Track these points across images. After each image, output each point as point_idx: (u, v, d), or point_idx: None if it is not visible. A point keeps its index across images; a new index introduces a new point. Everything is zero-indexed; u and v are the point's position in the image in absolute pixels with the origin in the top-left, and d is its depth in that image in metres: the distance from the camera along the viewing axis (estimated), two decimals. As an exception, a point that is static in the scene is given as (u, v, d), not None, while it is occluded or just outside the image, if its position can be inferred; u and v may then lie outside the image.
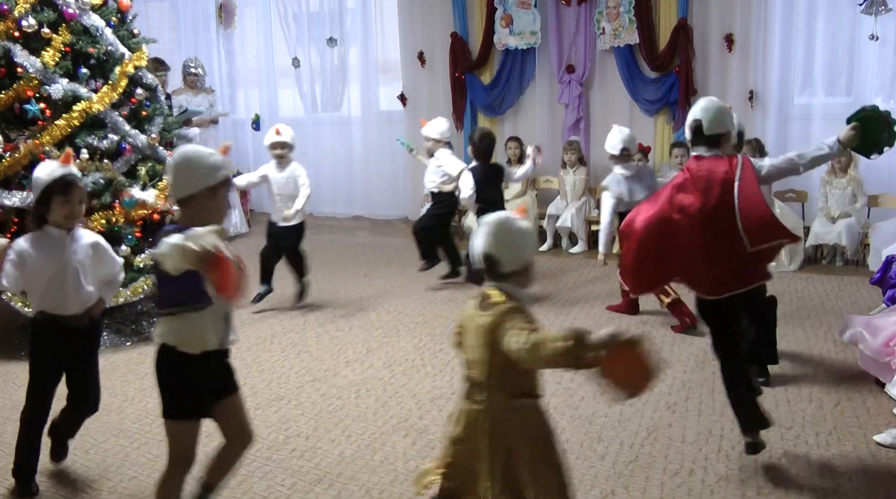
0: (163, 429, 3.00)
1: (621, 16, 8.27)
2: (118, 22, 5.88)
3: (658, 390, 4.55)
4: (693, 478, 3.59)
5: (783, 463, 3.69)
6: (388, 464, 3.79)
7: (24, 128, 5.47)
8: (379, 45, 10.27)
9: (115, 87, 5.66)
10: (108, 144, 5.60)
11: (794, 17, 7.83)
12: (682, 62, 8.09)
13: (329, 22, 10.31)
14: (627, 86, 8.47)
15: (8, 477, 3.78)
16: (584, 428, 4.11)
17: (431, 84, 9.61)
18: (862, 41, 7.47)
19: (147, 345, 5.65)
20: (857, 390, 4.49)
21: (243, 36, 11.09)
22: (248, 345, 5.60)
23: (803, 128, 7.99)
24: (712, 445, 3.89)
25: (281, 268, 6.54)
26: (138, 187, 5.68)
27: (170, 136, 6.24)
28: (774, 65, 7.90)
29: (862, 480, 3.52)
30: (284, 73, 10.86)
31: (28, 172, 5.41)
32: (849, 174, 7.31)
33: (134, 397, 4.73)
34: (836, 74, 7.92)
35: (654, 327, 5.70)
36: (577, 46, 8.66)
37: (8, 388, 4.95)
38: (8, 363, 5.37)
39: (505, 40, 8.92)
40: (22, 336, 5.73)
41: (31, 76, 5.36)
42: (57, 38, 5.46)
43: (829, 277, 6.92)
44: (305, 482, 3.66)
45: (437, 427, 4.15)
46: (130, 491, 3.63)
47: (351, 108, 10.55)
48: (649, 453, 3.82)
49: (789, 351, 5.14)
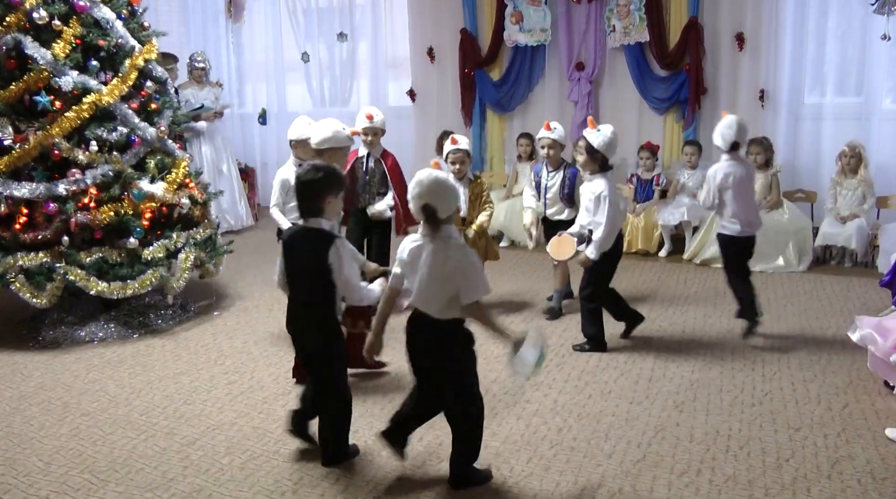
0: (169, 422, 3.01)
1: (632, 13, 8.25)
2: (128, 15, 5.89)
3: (666, 389, 4.54)
4: (701, 478, 3.58)
5: (791, 464, 3.68)
6: (395, 459, 3.79)
7: (33, 119, 5.48)
8: (388, 41, 10.25)
9: (124, 79, 5.67)
10: (117, 136, 5.61)
11: (806, 16, 7.79)
12: (693, 60, 8.07)
13: (338, 17, 10.31)
14: (637, 84, 8.44)
15: (14, 466, 3.79)
16: (591, 426, 4.10)
17: (441, 80, 9.59)
18: (873, 41, 7.43)
19: (154, 337, 5.67)
20: (865, 391, 4.47)
21: (252, 30, 11.08)
22: (256, 339, 5.61)
23: (813, 127, 7.98)
24: (720, 444, 3.88)
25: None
26: (147, 180, 5.69)
27: (179, 129, 6.25)
28: (785, 64, 7.87)
29: (871, 482, 3.51)
30: (293, 68, 10.85)
31: (37, 163, 5.43)
32: (859, 175, 7.28)
33: (142, 390, 4.73)
34: (846, 74, 7.88)
35: (662, 326, 5.69)
36: (588, 44, 8.64)
37: (16, 378, 4.96)
38: (16, 354, 5.38)
39: (515, 37, 8.90)
40: (30, 327, 5.76)
41: (41, 68, 5.37)
42: (67, 30, 5.47)
43: (837, 278, 6.90)
44: (312, 477, 3.66)
45: (443, 422, 4.12)
46: (138, 483, 3.63)
47: (360, 103, 10.52)
48: (657, 453, 3.81)
49: (798, 352, 5.13)
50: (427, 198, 3.29)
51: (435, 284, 3.30)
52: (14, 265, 5.35)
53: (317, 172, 3.58)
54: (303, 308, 3.69)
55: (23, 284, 5.36)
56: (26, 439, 4.12)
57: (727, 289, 5.46)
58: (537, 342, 3.35)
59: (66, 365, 5.16)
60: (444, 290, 3.29)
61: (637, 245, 7.91)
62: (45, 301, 5.40)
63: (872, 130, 7.64)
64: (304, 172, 3.60)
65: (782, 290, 6.59)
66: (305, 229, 3.64)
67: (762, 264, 7.19)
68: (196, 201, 6.04)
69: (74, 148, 5.44)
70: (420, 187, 3.31)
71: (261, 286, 7.00)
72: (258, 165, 11.02)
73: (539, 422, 4.11)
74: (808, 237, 7.36)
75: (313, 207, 3.59)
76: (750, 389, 4.54)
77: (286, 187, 5.25)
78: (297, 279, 3.71)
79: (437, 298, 3.32)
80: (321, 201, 3.58)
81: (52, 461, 3.86)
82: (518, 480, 3.58)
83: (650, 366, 4.91)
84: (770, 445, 3.86)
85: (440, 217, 3.32)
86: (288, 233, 3.83)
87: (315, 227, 3.61)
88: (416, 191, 3.33)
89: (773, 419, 4.14)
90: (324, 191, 3.57)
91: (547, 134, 5.86)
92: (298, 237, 3.68)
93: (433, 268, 3.30)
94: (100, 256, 5.48)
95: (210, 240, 6.20)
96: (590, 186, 5.11)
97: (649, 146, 8.17)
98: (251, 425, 4.20)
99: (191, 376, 4.94)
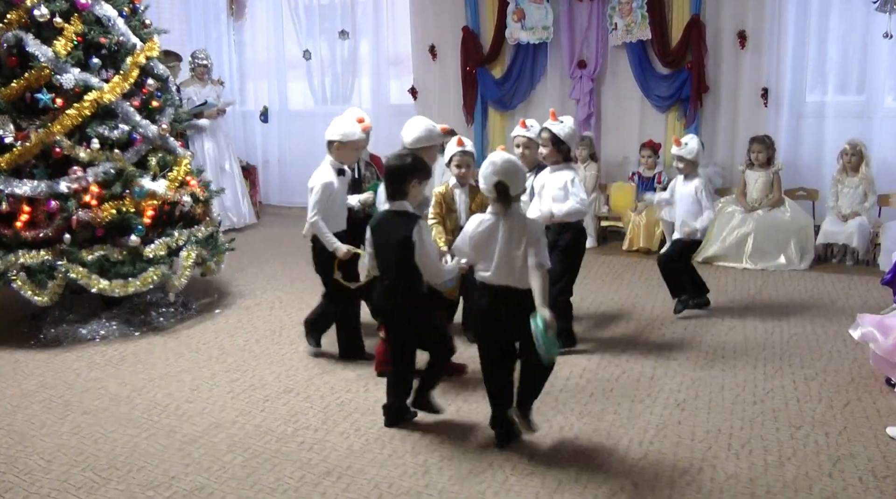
0: (170, 420, 3.01)
1: (634, 11, 8.23)
2: (130, 12, 5.88)
3: (668, 388, 4.54)
4: (702, 476, 3.57)
5: (793, 462, 3.67)
6: (397, 457, 3.79)
7: (35, 117, 5.48)
8: (390, 38, 10.23)
9: (126, 77, 5.66)
10: (118, 134, 5.60)
11: (808, 14, 7.78)
12: (695, 58, 8.06)
13: (340, 14, 10.30)
14: (639, 82, 8.43)
15: (16, 465, 3.80)
16: (593, 425, 4.10)
17: (442, 78, 9.58)
18: (875, 39, 7.42)
19: (156, 335, 5.67)
20: (867, 389, 4.47)
21: (253, 28, 11.07)
22: (258, 337, 5.61)
23: (815, 125, 7.97)
24: (722, 443, 3.88)
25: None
26: (149, 178, 5.68)
27: (180, 127, 6.25)
28: (787, 62, 7.86)
29: (872, 480, 3.50)
30: (294, 66, 10.85)
31: (39, 161, 5.43)
32: (860, 173, 7.27)
33: (143, 388, 4.74)
34: (848, 72, 7.87)
35: (665, 324, 5.69)
36: (589, 42, 8.63)
37: (18, 376, 4.96)
38: (17, 352, 5.38)
39: (517, 35, 8.89)
40: (31, 325, 5.76)
41: (42, 65, 5.36)
42: (69, 27, 5.46)
43: (839, 276, 6.89)
44: (314, 475, 3.66)
45: (446, 421, 4.14)
46: (139, 481, 3.63)
47: (361, 101, 10.52)
48: (658, 451, 3.81)
49: (799, 350, 5.13)
50: (500, 176, 3.66)
51: (514, 256, 3.66)
52: (15, 263, 5.35)
53: (405, 159, 3.98)
54: (393, 284, 3.97)
55: (24, 281, 5.36)
56: (27, 437, 4.12)
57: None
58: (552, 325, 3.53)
59: (68, 363, 5.16)
60: (522, 260, 3.65)
61: (638, 243, 7.90)
62: (46, 299, 5.40)
63: (874, 127, 7.63)
64: (394, 159, 3.98)
65: (784, 288, 6.59)
66: (391, 212, 3.98)
67: (764, 262, 7.20)
68: (197, 199, 6.03)
69: (76, 146, 5.44)
70: (493, 166, 3.69)
71: (262, 284, 7.00)
72: (259, 162, 11.02)
73: (541, 420, 4.10)
74: (810, 235, 7.35)
75: (400, 190, 3.93)
76: (751, 387, 4.54)
77: (329, 192, 4.81)
78: (385, 259, 3.99)
79: (519, 268, 3.67)
80: (407, 185, 3.92)
81: (54, 460, 3.86)
82: (520, 477, 3.58)
83: (651, 364, 4.91)
84: (771, 443, 3.86)
85: (511, 194, 3.68)
86: (374, 219, 4.08)
87: (401, 209, 3.94)
88: (489, 170, 3.69)
89: (775, 417, 4.14)
90: (410, 176, 3.92)
91: (522, 132, 5.41)
92: (384, 220, 4.01)
93: (511, 242, 3.67)
94: (101, 253, 5.48)
95: (212, 238, 6.20)
96: (555, 178, 5.02)
97: (651, 144, 8.17)
98: (253, 423, 4.20)
99: (192, 374, 4.94)
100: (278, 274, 7.37)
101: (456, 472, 3.64)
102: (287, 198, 10.94)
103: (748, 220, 7.39)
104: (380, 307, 4.20)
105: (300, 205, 11.00)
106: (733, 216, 7.48)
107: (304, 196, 4.91)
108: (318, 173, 4.86)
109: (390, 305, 4.03)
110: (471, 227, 3.79)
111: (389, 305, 4.04)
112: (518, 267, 3.66)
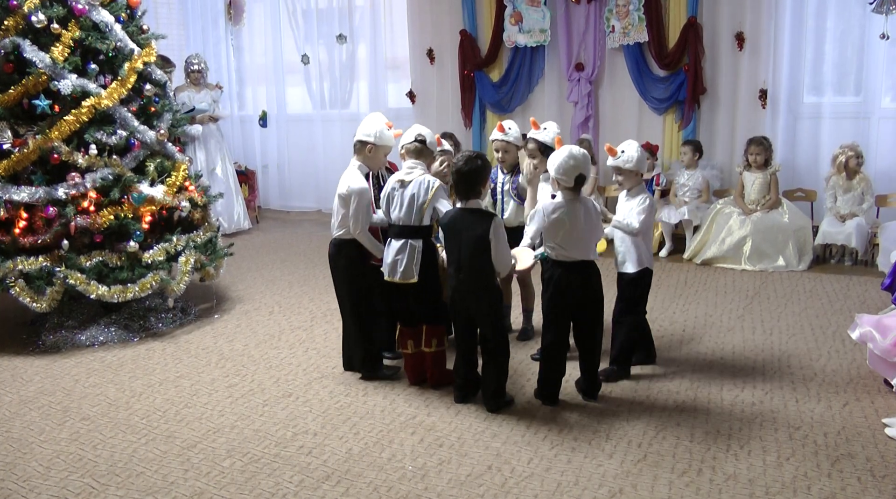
0: (169, 425, 3.01)
1: (631, 14, 8.25)
2: (127, 18, 5.89)
3: (667, 388, 4.54)
4: (701, 477, 3.57)
5: (792, 463, 3.67)
6: (396, 461, 3.79)
7: (32, 123, 5.48)
8: (388, 42, 10.27)
9: (123, 82, 5.67)
10: (116, 139, 5.61)
11: (805, 15, 7.81)
12: (692, 60, 8.07)
13: (338, 18, 10.32)
14: (637, 84, 8.45)
15: (14, 471, 3.79)
16: (592, 426, 4.10)
17: (440, 81, 9.60)
18: (872, 40, 7.45)
19: (155, 340, 5.67)
20: (865, 389, 4.47)
21: (252, 32, 11.10)
22: (257, 341, 5.61)
23: (813, 126, 7.99)
24: (721, 444, 3.88)
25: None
26: (147, 183, 5.69)
27: (177, 132, 6.25)
28: (784, 63, 7.89)
29: (871, 480, 3.50)
30: (293, 70, 10.88)
31: (37, 167, 5.44)
32: (858, 174, 7.28)
33: (142, 393, 4.73)
34: (845, 73, 7.89)
35: (663, 325, 5.69)
36: (587, 44, 8.65)
37: (16, 382, 4.96)
38: (16, 358, 5.38)
39: (514, 38, 8.91)
40: (30, 331, 5.76)
41: (40, 72, 5.37)
42: (66, 33, 5.47)
43: (837, 277, 6.90)
44: (313, 479, 3.66)
45: (444, 424, 4.14)
46: (138, 487, 3.63)
47: (360, 105, 10.55)
48: (657, 452, 3.81)
49: (797, 350, 5.13)
50: (581, 168, 4.20)
51: (591, 233, 4.26)
52: (14, 269, 5.35)
53: (477, 161, 4.22)
54: (468, 278, 4.19)
55: (23, 288, 5.36)
56: (26, 443, 4.12)
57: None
58: None
59: (67, 369, 5.16)
60: (595, 236, 4.32)
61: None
62: (44, 305, 5.40)
63: (871, 128, 7.66)
64: (466, 163, 4.19)
65: (782, 289, 6.59)
66: (466, 211, 4.23)
67: (762, 264, 7.20)
68: (196, 204, 6.04)
69: (74, 151, 5.44)
70: (576, 160, 4.18)
71: (262, 289, 7.00)
72: (258, 167, 11.03)
73: (540, 422, 4.10)
74: (808, 236, 7.36)
75: (473, 190, 4.21)
76: (750, 387, 4.54)
77: (368, 199, 4.56)
78: (460, 254, 4.20)
79: (593, 244, 4.30)
80: (480, 185, 4.23)
81: (52, 466, 3.86)
82: (519, 480, 3.58)
83: (650, 365, 4.91)
84: (770, 443, 3.86)
85: (583, 183, 4.24)
86: (447, 216, 4.28)
87: (475, 208, 4.22)
88: (571, 163, 4.17)
89: (774, 418, 4.14)
90: (483, 177, 4.24)
91: (500, 136, 5.30)
92: (459, 218, 4.23)
93: (589, 222, 4.25)
94: (100, 259, 5.48)
95: (210, 243, 6.20)
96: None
97: (648, 146, 8.17)
98: (252, 428, 4.20)
99: (191, 380, 4.94)
100: (277, 279, 7.37)
101: (454, 475, 3.64)
102: (286, 202, 10.96)
103: (746, 221, 7.39)
104: (453, 304, 4.32)
105: (299, 209, 11.17)
106: (731, 218, 7.48)
107: (302, 200, 4.94)
108: (349, 179, 4.56)
109: (466, 297, 4.23)
110: (544, 212, 4.23)
111: (465, 298, 4.24)
112: (593, 242, 4.28)
